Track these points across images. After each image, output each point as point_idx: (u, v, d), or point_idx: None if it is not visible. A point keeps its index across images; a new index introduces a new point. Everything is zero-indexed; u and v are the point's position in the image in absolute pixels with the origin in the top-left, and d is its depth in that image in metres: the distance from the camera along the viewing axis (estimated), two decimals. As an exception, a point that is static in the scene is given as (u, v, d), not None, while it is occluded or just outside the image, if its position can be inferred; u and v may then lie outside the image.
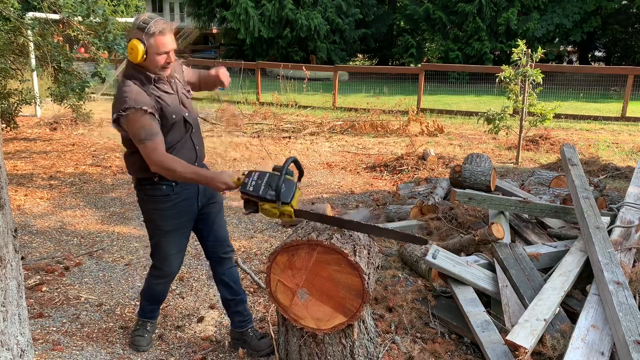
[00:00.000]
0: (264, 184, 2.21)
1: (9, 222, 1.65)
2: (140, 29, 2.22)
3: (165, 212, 2.46)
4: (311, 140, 8.57)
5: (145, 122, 2.22)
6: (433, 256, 2.94)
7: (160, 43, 2.24)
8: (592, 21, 20.61)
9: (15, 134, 8.29)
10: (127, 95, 2.22)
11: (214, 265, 2.69)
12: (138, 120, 2.21)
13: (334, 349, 2.30)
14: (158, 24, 2.22)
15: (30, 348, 1.81)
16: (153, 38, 2.22)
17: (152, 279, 2.67)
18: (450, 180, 4.82)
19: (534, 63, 6.65)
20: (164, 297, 2.78)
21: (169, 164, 2.24)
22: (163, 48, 2.25)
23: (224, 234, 2.65)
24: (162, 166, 2.24)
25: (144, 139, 2.22)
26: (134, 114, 2.20)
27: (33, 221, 4.63)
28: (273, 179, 2.22)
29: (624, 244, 3.02)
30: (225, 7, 22.98)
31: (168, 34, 2.26)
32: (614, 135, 9.00)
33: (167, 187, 2.42)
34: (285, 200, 2.18)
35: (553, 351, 2.30)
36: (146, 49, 2.23)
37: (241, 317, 2.71)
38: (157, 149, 2.23)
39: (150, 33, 2.21)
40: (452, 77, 18.93)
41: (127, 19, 10.89)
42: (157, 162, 2.23)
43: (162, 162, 2.23)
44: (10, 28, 6.26)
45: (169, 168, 2.24)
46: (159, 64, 2.28)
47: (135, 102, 2.21)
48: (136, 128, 2.22)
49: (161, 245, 2.54)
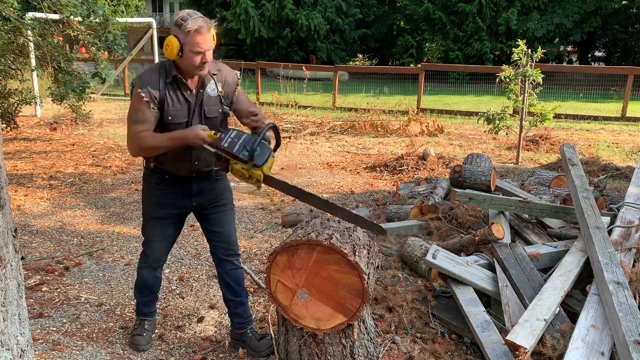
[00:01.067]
0: (240, 143, 2.21)
1: (9, 222, 1.65)
2: (178, 26, 2.20)
3: (154, 199, 2.53)
4: (311, 140, 8.57)
5: (141, 107, 2.26)
6: (433, 256, 2.94)
7: (195, 41, 2.19)
8: (592, 21, 20.62)
9: (15, 134, 8.29)
10: (143, 75, 2.31)
11: (216, 264, 2.71)
12: (136, 101, 2.27)
13: (334, 349, 2.30)
14: (196, 22, 2.18)
15: (30, 348, 1.81)
16: (189, 36, 2.19)
17: (139, 264, 2.76)
18: (450, 180, 4.82)
19: (534, 63, 6.65)
20: (152, 288, 2.78)
21: (142, 143, 2.27)
22: (198, 47, 2.20)
23: (229, 236, 2.64)
24: (138, 147, 2.29)
25: (133, 120, 2.28)
26: (135, 95, 2.27)
27: (33, 221, 4.63)
28: (249, 140, 2.21)
29: (624, 244, 3.02)
30: (225, 7, 23.00)
31: (205, 32, 2.20)
32: (614, 135, 9.00)
33: (159, 177, 2.47)
34: (258, 164, 2.19)
35: (553, 351, 2.30)
36: (181, 46, 2.20)
37: (240, 319, 2.71)
38: (139, 134, 2.26)
39: (187, 31, 2.18)
40: (452, 77, 18.93)
41: (127, 19, 10.90)
42: (133, 141, 2.28)
43: (137, 143, 2.27)
44: (10, 28, 6.25)
45: (143, 147, 2.28)
46: (195, 63, 2.25)
47: (141, 84, 2.26)
48: (132, 107, 2.29)
49: (146, 229, 2.64)
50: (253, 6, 21.62)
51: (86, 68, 7.54)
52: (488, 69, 13.40)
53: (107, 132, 8.90)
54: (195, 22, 2.18)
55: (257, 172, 2.21)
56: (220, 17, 23.70)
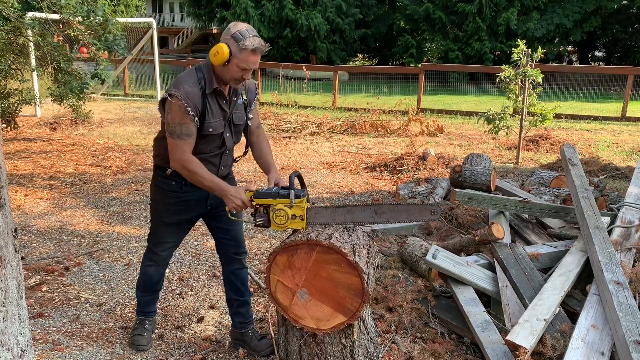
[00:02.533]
0: (275, 188, 2.31)
1: (9, 222, 1.65)
2: (234, 38, 2.19)
3: (170, 206, 2.52)
4: (311, 140, 8.57)
5: (185, 121, 2.24)
6: (433, 256, 2.94)
7: (247, 59, 2.21)
8: (592, 21, 20.61)
9: (15, 134, 8.29)
10: (184, 85, 2.24)
11: (223, 263, 2.72)
12: (179, 114, 2.23)
13: (334, 349, 2.30)
14: (254, 41, 2.19)
15: (30, 348, 1.81)
16: (243, 52, 2.19)
17: (146, 262, 2.73)
18: (450, 180, 4.82)
19: (533, 63, 6.65)
20: (156, 286, 2.78)
21: (190, 166, 2.27)
22: (247, 65, 2.22)
23: (237, 235, 2.66)
24: (183, 166, 2.28)
25: (178, 135, 2.25)
26: (178, 106, 2.22)
27: (33, 221, 4.63)
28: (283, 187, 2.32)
29: (624, 244, 3.02)
30: (225, 7, 23.00)
31: (259, 54, 2.23)
32: (614, 135, 9.00)
33: (176, 184, 2.45)
34: (299, 194, 2.23)
35: (553, 351, 2.30)
36: (230, 58, 2.20)
37: (242, 319, 2.72)
38: (184, 149, 2.26)
39: (243, 47, 2.19)
40: (452, 77, 18.93)
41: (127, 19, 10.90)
42: (179, 160, 2.27)
43: (184, 161, 2.27)
44: (10, 28, 6.25)
45: (189, 169, 2.28)
46: (237, 77, 2.26)
47: (186, 97, 2.22)
48: (175, 121, 2.24)
49: (159, 234, 2.63)
50: (253, 6, 21.62)
51: (86, 68, 7.53)
52: (488, 69, 13.40)
53: (107, 132, 8.90)
54: (254, 42, 2.19)
55: (301, 204, 2.25)
56: (220, 17, 23.71)
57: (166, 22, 39.60)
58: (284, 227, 2.26)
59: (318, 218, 2.31)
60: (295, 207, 2.25)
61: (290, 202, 2.23)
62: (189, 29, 33.89)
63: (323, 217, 2.32)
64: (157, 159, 2.49)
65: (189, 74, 2.30)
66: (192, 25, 30.88)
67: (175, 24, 39.60)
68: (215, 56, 2.21)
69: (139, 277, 2.78)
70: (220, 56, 2.20)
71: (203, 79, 2.29)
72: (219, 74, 2.29)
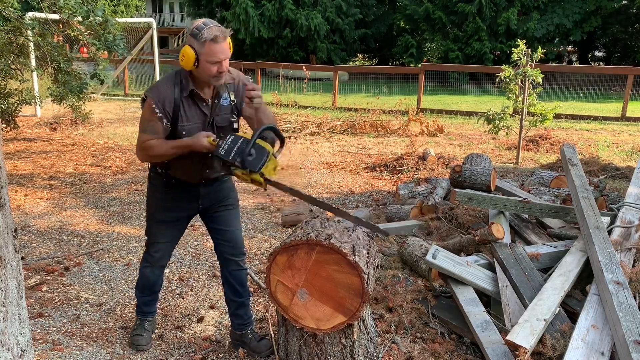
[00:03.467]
0: (235, 149, 2.19)
1: (9, 222, 1.65)
2: (193, 36, 2.17)
3: (160, 202, 2.54)
4: (311, 140, 8.57)
5: (153, 119, 2.27)
6: (433, 256, 2.94)
7: (212, 51, 2.16)
8: (592, 21, 20.62)
9: (15, 134, 8.29)
10: (159, 86, 2.29)
11: (220, 263, 2.71)
12: (149, 113, 2.27)
13: (334, 349, 2.30)
14: (211, 31, 2.15)
15: (30, 348, 1.81)
16: (205, 45, 2.15)
17: (142, 263, 2.75)
18: (450, 180, 4.82)
19: (533, 63, 6.65)
20: (154, 287, 2.78)
21: (150, 150, 2.30)
22: (215, 56, 2.17)
23: (235, 236, 2.64)
24: (145, 153, 2.33)
25: (143, 130, 2.30)
26: (148, 106, 2.26)
27: (33, 221, 4.63)
28: (244, 144, 2.19)
29: (624, 244, 3.02)
30: (225, 7, 23.01)
31: (221, 41, 2.17)
32: (614, 135, 9.00)
33: (166, 181, 2.48)
34: (253, 169, 2.16)
35: (553, 351, 2.30)
36: (197, 57, 2.17)
37: (240, 320, 2.72)
38: (147, 142, 2.29)
39: (202, 40, 2.15)
40: (452, 77, 18.93)
41: (127, 19, 10.90)
42: (140, 149, 2.33)
43: (143, 149, 2.31)
44: (10, 28, 6.25)
45: (150, 153, 2.32)
46: (212, 73, 2.22)
47: (158, 98, 2.25)
48: (144, 118, 2.30)
49: (151, 231, 2.64)
50: (253, 6, 21.63)
51: (86, 68, 7.54)
52: (488, 69, 13.40)
53: (107, 132, 8.90)
54: (211, 32, 2.15)
55: (257, 177, 2.19)
56: (220, 17, 23.70)
57: (166, 22, 39.61)
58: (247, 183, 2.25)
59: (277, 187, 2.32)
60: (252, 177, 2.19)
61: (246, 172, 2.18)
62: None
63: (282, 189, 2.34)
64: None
65: (167, 77, 2.32)
66: (192, 26, 30.83)
67: (175, 24, 39.61)
68: (183, 61, 2.20)
69: (138, 278, 2.79)
70: (187, 59, 2.18)
71: (179, 82, 2.29)
72: (196, 78, 2.28)
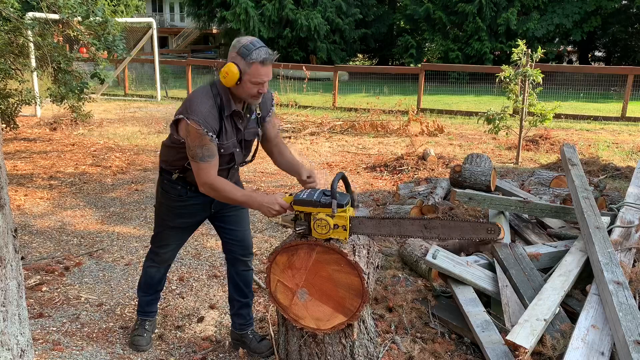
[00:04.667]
0: (317, 193, 2.17)
1: (9, 222, 1.65)
2: (240, 54, 2.13)
3: (174, 210, 2.51)
4: (311, 140, 8.57)
5: (205, 143, 2.18)
6: (433, 256, 2.94)
7: (258, 73, 2.14)
8: (592, 21, 20.62)
9: (15, 134, 8.29)
10: (200, 108, 2.17)
11: (228, 262, 2.71)
12: (199, 138, 2.17)
13: (334, 349, 2.30)
14: (260, 53, 2.12)
15: (30, 348, 1.81)
16: (252, 66, 2.13)
17: (148, 262, 2.73)
18: (450, 180, 4.82)
19: (534, 63, 6.65)
20: (158, 286, 2.79)
21: (217, 187, 2.23)
22: (259, 78, 2.16)
23: (244, 237, 2.64)
24: (212, 188, 2.24)
25: (200, 158, 2.20)
26: (197, 131, 2.16)
27: (33, 221, 4.63)
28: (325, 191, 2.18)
29: (624, 244, 3.02)
30: (225, 7, 23.01)
31: (268, 64, 2.16)
32: (614, 135, 9.00)
33: (181, 189, 2.44)
34: (341, 202, 2.11)
35: (553, 351, 2.30)
36: (241, 76, 2.15)
37: (242, 321, 2.72)
38: (209, 171, 2.22)
39: (250, 61, 2.12)
40: (452, 77, 18.93)
41: (127, 19, 10.90)
42: (206, 183, 2.23)
43: (212, 183, 2.23)
44: (10, 28, 6.25)
45: (217, 190, 2.24)
46: (252, 93, 2.20)
47: (205, 122, 2.16)
48: (195, 144, 2.18)
49: (163, 237, 2.62)
50: (253, 6, 21.63)
51: (86, 68, 7.54)
52: (488, 69, 13.40)
53: (107, 132, 8.90)
54: (260, 54, 2.13)
55: (343, 215, 2.12)
56: (220, 17, 23.73)
57: (166, 22, 39.61)
58: (326, 236, 2.15)
59: (362, 229, 2.23)
60: (338, 217, 2.13)
61: (332, 212, 2.11)
62: (189, 29, 33.88)
63: (367, 228, 2.23)
64: (164, 163, 2.48)
65: (205, 95, 2.21)
66: (192, 25, 30.87)
67: (175, 24, 39.62)
68: (226, 78, 2.15)
69: (141, 278, 2.78)
70: (230, 77, 2.14)
71: (220, 100, 2.23)
72: (235, 94, 2.24)
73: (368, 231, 2.24)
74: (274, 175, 6.36)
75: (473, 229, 2.21)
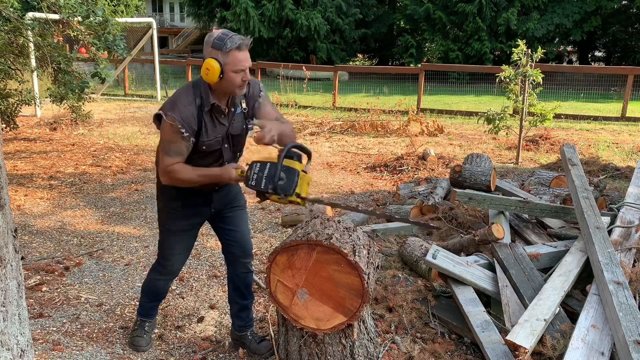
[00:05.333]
0: (265, 177, 2.18)
1: (9, 222, 1.65)
2: (216, 47, 2.13)
3: (173, 212, 2.49)
4: (311, 140, 8.57)
5: (176, 140, 2.20)
6: (433, 256, 2.94)
7: (237, 59, 2.14)
8: (592, 21, 20.62)
9: (15, 134, 8.29)
10: (178, 105, 2.19)
11: (227, 264, 2.70)
12: (172, 134, 2.19)
13: (334, 349, 2.30)
14: (234, 40, 2.12)
15: (30, 348, 1.81)
16: (230, 55, 2.13)
17: (154, 274, 2.68)
18: (450, 180, 4.82)
19: (534, 63, 6.65)
20: (163, 295, 2.78)
21: (176, 175, 2.25)
22: (240, 64, 2.15)
23: (244, 238, 2.63)
24: (171, 176, 2.26)
25: (167, 152, 2.22)
26: (171, 127, 2.18)
27: (33, 221, 4.63)
28: (273, 170, 2.17)
29: (624, 244, 3.02)
30: (225, 7, 23.00)
31: (245, 49, 2.16)
32: (614, 135, 9.00)
33: (177, 190, 2.42)
34: (287, 192, 2.15)
35: (553, 351, 2.30)
36: (222, 68, 2.14)
37: (242, 322, 2.72)
38: (172, 166, 2.24)
39: (227, 50, 2.12)
40: (452, 77, 18.94)
41: (127, 19, 10.90)
42: (166, 173, 2.26)
43: (169, 172, 2.25)
44: (10, 28, 6.25)
45: (177, 178, 2.26)
46: (237, 83, 2.19)
47: (181, 119, 2.17)
48: (166, 139, 2.22)
49: (166, 244, 2.58)
50: (253, 6, 21.63)
51: (86, 68, 7.54)
52: (488, 69, 13.40)
53: (107, 132, 8.90)
54: (234, 41, 2.13)
55: (293, 199, 2.17)
56: (220, 17, 23.71)
57: (166, 22, 39.62)
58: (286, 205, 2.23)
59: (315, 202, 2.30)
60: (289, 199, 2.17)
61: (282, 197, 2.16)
62: (189, 29, 33.90)
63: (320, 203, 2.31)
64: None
65: (186, 92, 2.24)
66: (192, 25, 30.88)
67: (175, 24, 39.63)
68: (208, 74, 2.15)
69: (146, 286, 2.73)
70: (212, 72, 2.14)
71: (200, 97, 2.24)
72: (219, 89, 2.24)
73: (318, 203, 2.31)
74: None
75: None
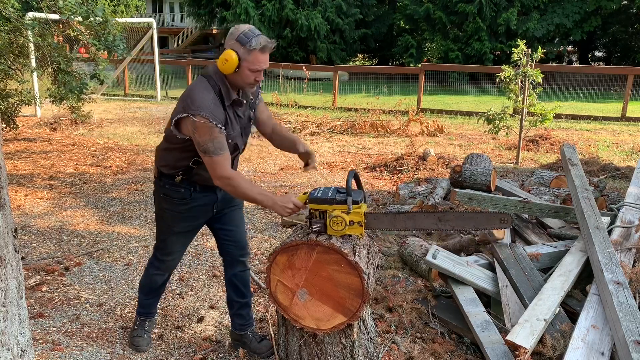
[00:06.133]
0: (332, 191, 2.21)
1: (9, 222, 1.65)
2: (240, 42, 2.13)
3: (180, 214, 2.46)
4: (311, 140, 8.57)
5: (216, 135, 2.15)
6: (433, 256, 2.94)
7: (257, 60, 2.15)
8: (592, 21, 20.63)
9: (15, 134, 8.30)
10: (204, 102, 2.14)
11: (225, 264, 2.70)
12: (209, 132, 2.14)
13: (334, 349, 2.30)
14: (260, 40, 2.13)
15: (30, 348, 1.81)
16: (252, 54, 2.13)
17: (152, 270, 2.68)
18: (450, 180, 4.82)
19: (534, 63, 6.65)
20: (161, 290, 2.78)
21: (235, 181, 2.20)
22: (259, 65, 2.17)
23: (241, 237, 2.64)
24: (229, 182, 2.21)
25: (213, 152, 2.16)
26: (205, 125, 2.13)
27: (33, 221, 4.63)
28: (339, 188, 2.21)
29: (624, 244, 3.02)
30: (225, 7, 23.02)
31: (267, 52, 2.17)
32: (614, 135, 9.00)
33: (185, 191, 2.40)
34: (356, 199, 2.14)
35: (553, 351, 2.30)
36: (240, 63, 2.15)
37: (242, 321, 2.71)
38: (224, 164, 2.19)
39: (250, 48, 2.13)
40: (452, 77, 18.94)
41: (127, 19, 10.90)
42: (222, 176, 2.20)
43: (228, 177, 2.20)
44: (10, 28, 6.25)
45: (233, 185, 2.21)
46: (249, 81, 2.20)
47: (212, 115, 2.13)
48: (205, 139, 2.15)
49: (168, 243, 2.57)
50: (253, 6, 21.64)
51: (86, 68, 7.54)
52: (488, 69, 13.41)
53: (107, 132, 8.90)
54: (260, 41, 2.13)
55: (358, 210, 2.16)
56: (220, 17, 23.72)
57: (166, 22, 39.61)
58: (342, 233, 2.18)
59: (377, 224, 2.25)
60: (353, 214, 2.16)
61: (347, 209, 2.15)
62: (189, 29, 33.90)
63: (382, 223, 2.25)
64: (165, 168, 2.40)
65: (204, 88, 2.19)
66: (192, 25, 30.90)
67: (175, 24, 39.62)
68: (224, 64, 2.15)
69: (143, 282, 2.74)
70: (229, 64, 2.14)
71: (218, 89, 2.21)
72: (232, 82, 2.23)
73: (383, 226, 2.25)
74: (274, 175, 6.36)
75: (487, 219, 2.23)
